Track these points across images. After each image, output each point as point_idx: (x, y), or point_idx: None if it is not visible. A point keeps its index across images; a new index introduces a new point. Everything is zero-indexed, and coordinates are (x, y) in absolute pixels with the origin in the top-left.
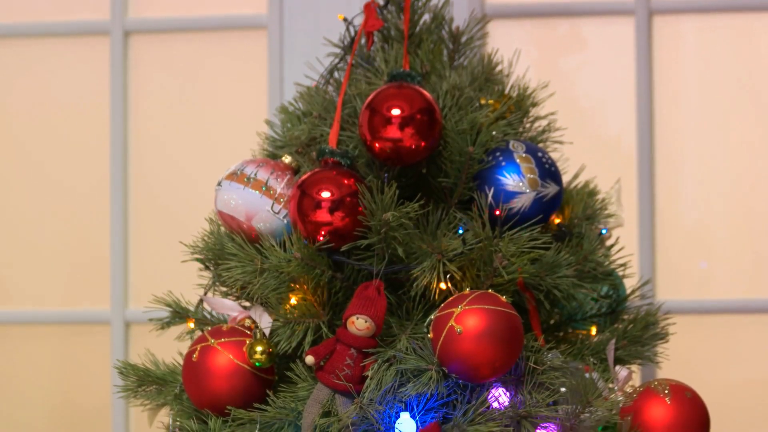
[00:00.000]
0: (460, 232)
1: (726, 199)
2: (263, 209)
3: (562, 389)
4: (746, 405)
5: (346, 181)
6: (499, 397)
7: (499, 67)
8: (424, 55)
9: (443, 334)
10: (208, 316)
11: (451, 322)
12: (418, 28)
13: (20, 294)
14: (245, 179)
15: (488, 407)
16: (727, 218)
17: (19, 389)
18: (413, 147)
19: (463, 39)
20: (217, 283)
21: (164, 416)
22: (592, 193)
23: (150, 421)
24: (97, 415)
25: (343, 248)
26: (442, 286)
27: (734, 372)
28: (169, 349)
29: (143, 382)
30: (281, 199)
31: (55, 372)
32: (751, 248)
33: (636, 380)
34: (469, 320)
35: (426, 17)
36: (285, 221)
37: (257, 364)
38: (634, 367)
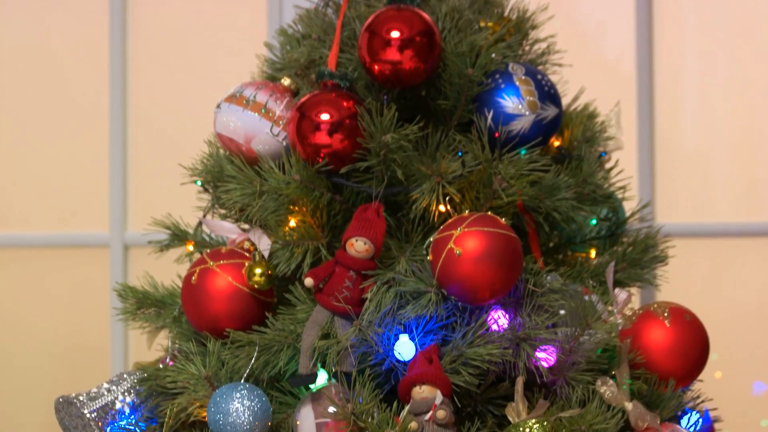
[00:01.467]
0: (460, 154)
1: (726, 123)
2: (262, 131)
3: (561, 312)
4: (745, 328)
5: (345, 104)
6: (498, 319)
7: None
8: None
9: (442, 257)
10: (207, 239)
11: (450, 245)
12: None
13: (19, 217)
14: (244, 101)
15: (487, 329)
16: (726, 141)
17: (17, 313)
18: (412, 69)
19: None
20: (216, 206)
21: (163, 339)
22: (592, 115)
23: (149, 343)
24: (96, 337)
25: (342, 170)
26: (441, 208)
27: (733, 295)
28: (168, 271)
29: (142, 304)
30: (280, 122)
31: (53, 295)
32: (750, 172)
33: (635, 303)
34: (468, 242)
35: None
36: (284, 143)
37: (256, 286)
38: (633, 290)
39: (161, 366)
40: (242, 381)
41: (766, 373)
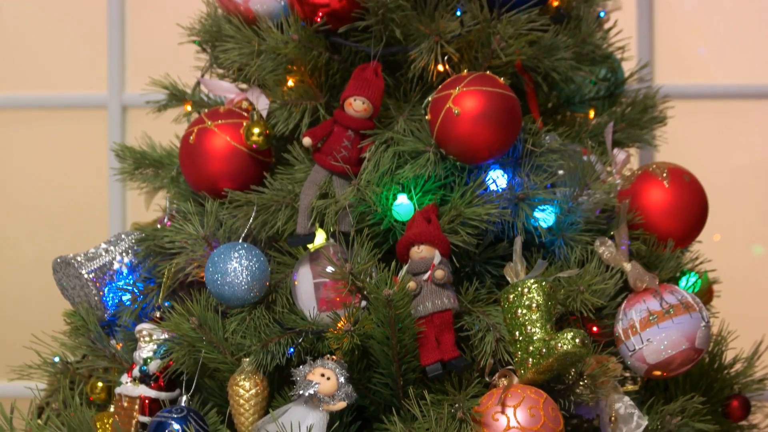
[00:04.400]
0: (458, 13)
1: None
2: None
3: (560, 171)
4: (743, 189)
5: None
6: (497, 179)
7: None
8: None
9: (441, 116)
10: (205, 99)
11: (449, 104)
12: None
13: (16, 79)
14: None
15: (486, 189)
16: (727, 1)
17: (14, 174)
18: None
19: None
20: (214, 65)
21: (161, 199)
22: None
23: (147, 204)
24: (94, 198)
25: (341, 30)
26: (440, 67)
27: (732, 157)
28: (166, 131)
29: (140, 164)
30: None
31: (51, 157)
32: (751, 33)
33: (634, 163)
34: (466, 102)
35: None
36: (282, 2)
37: (254, 145)
38: (632, 150)
39: (159, 226)
40: (240, 241)
41: (764, 235)
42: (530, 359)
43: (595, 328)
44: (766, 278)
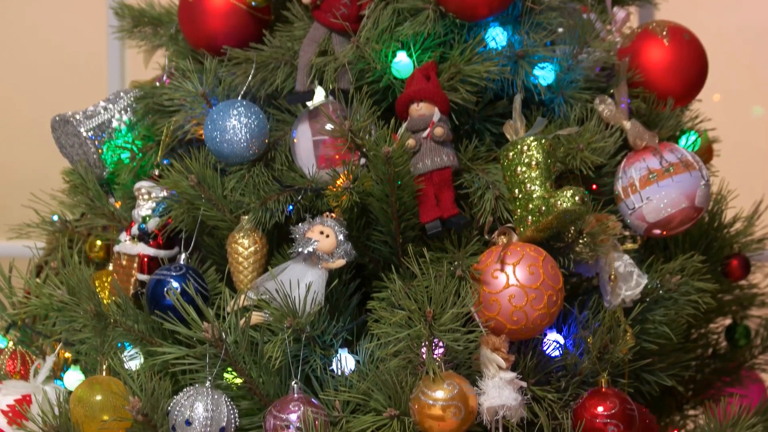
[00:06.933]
0: None
1: None
2: None
3: (560, 29)
4: (743, 48)
5: None
6: (497, 36)
7: None
8: None
9: None
10: None
11: None
12: None
13: None
14: None
15: (485, 47)
16: None
17: (14, 34)
18: None
19: None
20: None
21: (160, 57)
22: None
23: (146, 62)
24: (93, 57)
25: None
26: None
27: (733, 16)
28: None
29: (139, 22)
30: None
31: (51, 15)
32: None
33: (634, 22)
34: None
35: None
36: None
37: (253, 3)
38: (631, 9)
39: (158, 84)
40: (239, 98)
41: (763, 97)
42: (529, 217)
43: (594, 186)
44: (765, 138)
